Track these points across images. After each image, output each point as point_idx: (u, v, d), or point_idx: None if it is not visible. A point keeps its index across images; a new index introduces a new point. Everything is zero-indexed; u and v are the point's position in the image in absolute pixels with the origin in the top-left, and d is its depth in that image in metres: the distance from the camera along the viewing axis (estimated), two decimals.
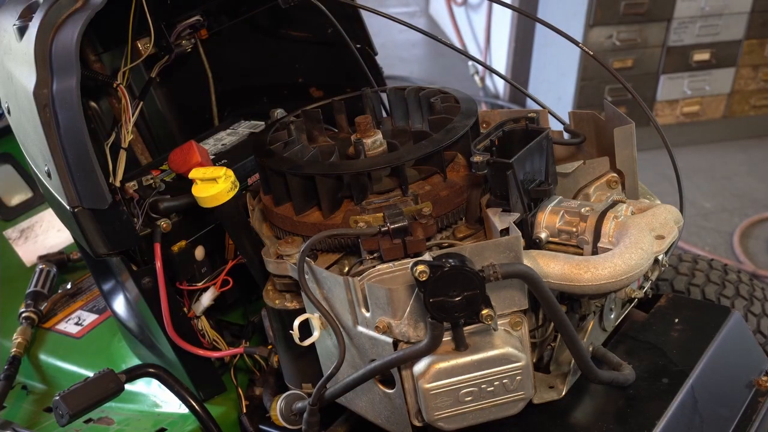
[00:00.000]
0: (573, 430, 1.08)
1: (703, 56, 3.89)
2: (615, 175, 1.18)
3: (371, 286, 0.98)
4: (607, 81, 3.83)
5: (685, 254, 1.76)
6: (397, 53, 5.46)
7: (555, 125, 1.30)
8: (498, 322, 0.98)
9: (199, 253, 1.34)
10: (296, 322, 1.05)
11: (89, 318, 1.76)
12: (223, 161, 1.46)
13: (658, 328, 1.28)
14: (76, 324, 1.75)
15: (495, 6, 4.56)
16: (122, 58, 1.36)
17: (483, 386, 0.96)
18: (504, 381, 0.96)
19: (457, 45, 4.02)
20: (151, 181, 1.31)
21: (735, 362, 1.29)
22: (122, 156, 1.23)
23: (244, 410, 1.38)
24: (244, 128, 1.59)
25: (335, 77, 1.64)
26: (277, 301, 1.18)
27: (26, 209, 2.01)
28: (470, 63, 4.83)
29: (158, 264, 1.24)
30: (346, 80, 1.59)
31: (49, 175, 1.17)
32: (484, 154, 1.05)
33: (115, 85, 1.32)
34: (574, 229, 1.07)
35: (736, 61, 3.96)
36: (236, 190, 1.21)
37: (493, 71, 1.53)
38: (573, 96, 3.89)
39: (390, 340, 0.98)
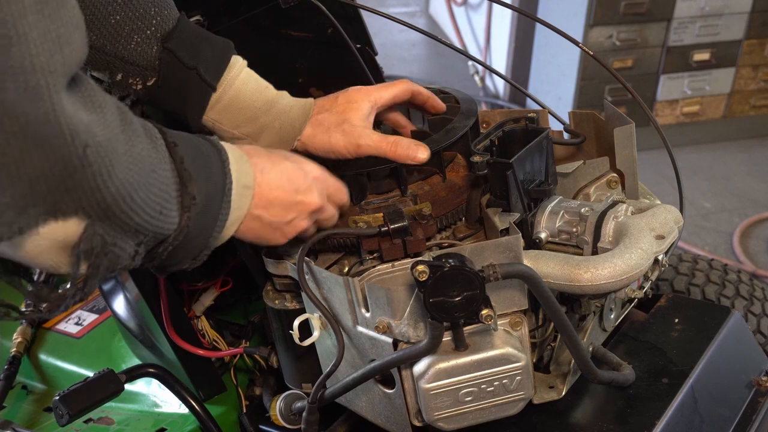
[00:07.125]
0: (573, 430, 1.08)
1: (703, 56, 3.89)
2: (615, 175, 1.18)
3: (371, 286, 0.98)
4: (607, 81, 3.83)
5: (685, 254, 1.76)
6: (397, 53, 5.46)
7: (555, 125, 1.30)
8: (498, 322, 0.98)
9: None
10: (296, 322, 1.05)
11: (89, 318, 1.76)
12: None
13: (658, 328, 1.28)
14: (76, 324, 1.75)
15: (495, 6, 4.56)
16: None
17: (483, 386, 0.96)
18: (504, 381, 0.96)
19: (457, 45, 4.02)
20: None
21: (735, 362, 1.29)
22: None
23: (244, 410, 1.38)
24: None
25: (335, 77, 1.64)
26: (277, 301, 1.18)
27: None
28: (470, 63, 4.83)
29: None
30: (346, 80, 1.59)
31: None
32: (484, 154, 1.05)
33: None
34: (574, 229, 1.07)
35: (736, 61, 3.96)
36: None
37: (493, 71, 1.53)
38: (573, 96, 3.89)
39: (390, 340, 0.98)
